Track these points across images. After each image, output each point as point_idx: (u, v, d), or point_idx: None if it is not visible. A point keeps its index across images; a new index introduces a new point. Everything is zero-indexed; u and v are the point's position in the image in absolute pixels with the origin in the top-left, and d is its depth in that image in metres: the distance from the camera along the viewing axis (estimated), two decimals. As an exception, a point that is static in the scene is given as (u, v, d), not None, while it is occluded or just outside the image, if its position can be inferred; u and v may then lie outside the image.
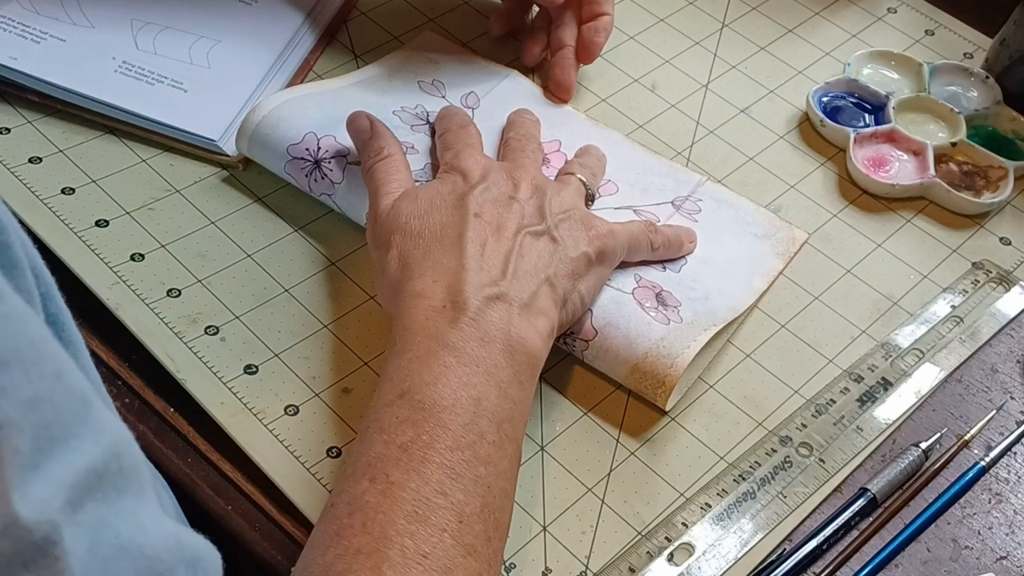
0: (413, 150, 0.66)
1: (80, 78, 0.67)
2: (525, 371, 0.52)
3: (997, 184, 0.71)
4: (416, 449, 0.47)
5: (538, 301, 0.54)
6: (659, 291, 0.61)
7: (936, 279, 0.67)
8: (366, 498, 0.45)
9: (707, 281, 0.63)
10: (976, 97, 0.77)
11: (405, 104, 0.70)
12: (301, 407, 0.57)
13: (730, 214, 0.68)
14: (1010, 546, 0.56)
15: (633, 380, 0.58)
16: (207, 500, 0.54)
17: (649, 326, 0.59)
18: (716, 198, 0.69)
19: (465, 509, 0.46)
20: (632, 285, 0.61)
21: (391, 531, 0.44)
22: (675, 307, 0.60)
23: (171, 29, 0.72)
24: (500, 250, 0.54)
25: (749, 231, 0.67)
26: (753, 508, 0.55)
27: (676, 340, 0.58)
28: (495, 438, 0.49)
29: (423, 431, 0.47)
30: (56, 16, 0.71)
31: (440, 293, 0.52)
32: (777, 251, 0.66)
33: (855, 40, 0.82)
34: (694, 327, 0.59)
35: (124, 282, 0.60)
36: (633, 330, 0.58)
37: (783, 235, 0.67)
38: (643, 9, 0.82)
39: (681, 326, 0.59)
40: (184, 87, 0.69)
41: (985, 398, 0.62)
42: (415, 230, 0.55)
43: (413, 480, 0.46)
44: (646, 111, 0.74)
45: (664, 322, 0.59)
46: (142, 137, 0.68)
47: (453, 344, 0.50)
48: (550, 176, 0.65)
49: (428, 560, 0.44)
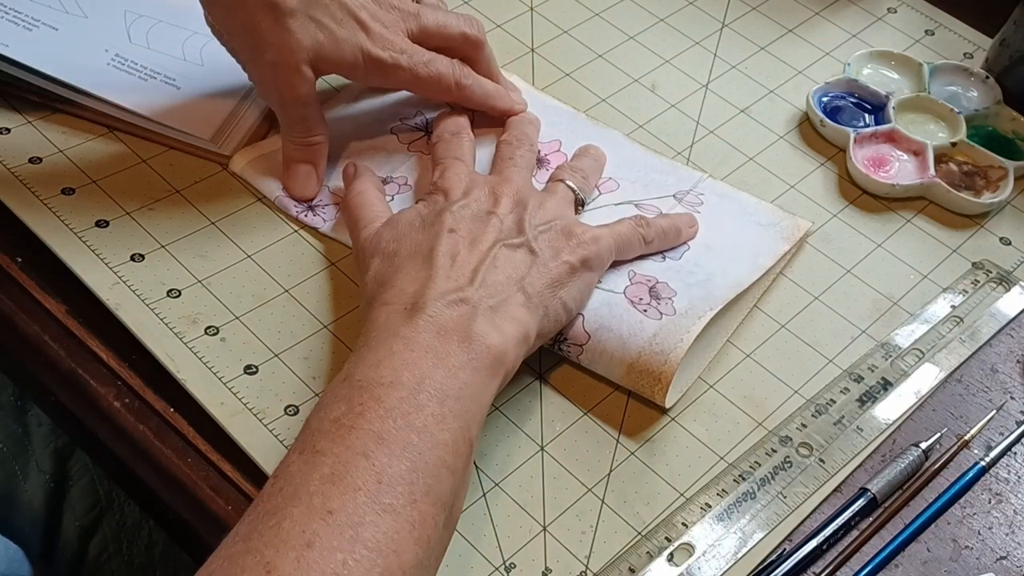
0: (406, 185, 0.66)
1: (73, 70, 0.67)
2: (483, 360, 0.51)
3: (997, 184, 0.71)
4: (346, 420, 0.47)
5: (508, 307, 0.54)
6: (653, 284, 0.61)
7: (936, 279, 0.67)
8: (291, 468, 0.46)
9: (710, 264, 0.63)
10: (976, 97, 0.77)
11: (404, 115, 0.70)
12: (301, 407, 0.57)
13: (733, 207, 0.68)
14: (1010, 546, 0.56)
15: (630, 380, 0.58)
16: (207, 500, 0.54)
17: (641, 324, 0.59)
18: (718, 192, 0.69)
19: (388, 470, 0.45)
20: (625, 284, 0.61)
21: (302, 491, 0.44)
22: (669, 298, 0.60)
23: (165, 23, 0.72)
24: (471, 261, 0.55)
25: (753, 221, 0.67)
26: (753, 508, 0.55)
27: (669, 335, 0.58)
28: (436, 411, 0.48)
29: (356, 403, 0.48)
30: (49, 3, 0.71)
31: (404, 299, 0.53)
32: (783, 236, 0.66)
33: (855, 40, 0.82)
34: (688, 317, 0.59)
35: (124, 282, 0.60)
36: (626, 330, 0.58)
37: (788, 223, 0.67)
38: (643, 9, 0.82)
39: (674, 319, 0.59)
40: (177, 84, 0.68)
41: (985, 398, 0.62)
42: (391, 251, 0.57)
43: (337, 446, 0.46)
44: (646, 111, 0.74)
45: (657, 317, 0.59)
46: (142, 137, 0.68)
47: (404, 335, 0.51)
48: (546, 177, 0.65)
49: (333, 516, 0.43)
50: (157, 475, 0.56)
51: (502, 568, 0.53)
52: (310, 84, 0.62)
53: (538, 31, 0.79)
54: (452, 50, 0.67)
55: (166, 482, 0.55)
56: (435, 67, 0.65)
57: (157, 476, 0.56)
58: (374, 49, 0.63)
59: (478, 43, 0.67)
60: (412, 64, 0.64)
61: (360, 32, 0.62)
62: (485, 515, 0.54)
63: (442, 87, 0.66)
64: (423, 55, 0.65)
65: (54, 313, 0.60)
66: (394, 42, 0.64)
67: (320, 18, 0.61)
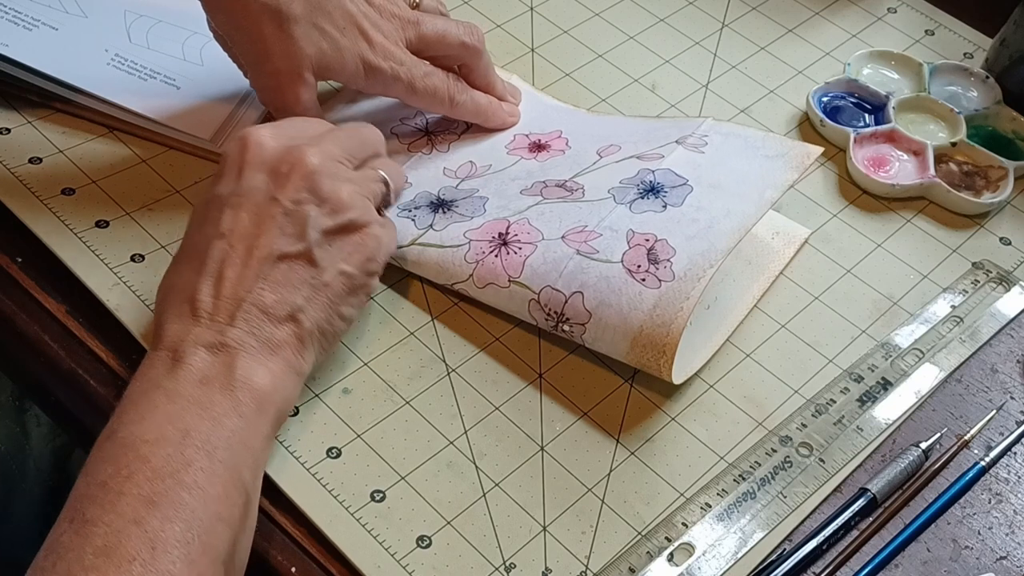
0: (406, 183, 0.66)
1: (73, 70, 0.67)
2: (249, 405, 0.50)
3: (997, 184, 0.71)
4: (114, 484, 0.45)
5: (277, 345, 0.52)
6: (652, 245, 0.59)
7: (936, 279, 0.67)
8: (62, 540, 0.44)
9: (714, 205, 0.61)
10: (976, 97, 0.77)
11: (404, 116, 0.70)
12: (301, 407, 0.57)
13: (738, 143, 0.67)
14: (1010, 546, 0.56)
15: (634, 356, 0.58)
16: (207, 500, 0.54)
17: (640, 296, 0.57)
18: (723, 132, 0.68)
19: (161, 535, 0.44)
20: (623, 248, 0.59)
21: (76, 568, 0.43)
22: (667, 260, 0.58)
23: (164, 23, 0.72)
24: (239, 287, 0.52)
25: (760, 154, 0.65)
26: (753, 508, 0.55)
27: (670, 304, 0.57)
28: (205, 465, 0.47)
29: (122, 466, 0.46)
30: (49, 3, 0.71)
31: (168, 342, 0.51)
32: (791, 164, 0.64)
33: (855, 40, 0.82)
34: (687, 280, 0.57)
35: (124, 283, 0.60)
36: (626, 304, 0.57)
37: (797, 151, 0.65)
38: (643, 9, 0.82)
39: (673, 284, 0.57)
40: (176, 84, 0.69)
41: (985, 398, 0.62)
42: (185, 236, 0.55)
43: (108, 514, 0.44)
44: (646, 111, 0.74)
45: (656, 286, 0.57)
46: (142, 137, 0.68)
47: (166, 387, 0.49)
48: (547, 165, 0.66)
49: None
50: (157, 475, 0.56)
51: (502, 568, 0.53)
52: (312, 90, 0.62)
53: (538, 31, 0.79)
54: (451, 58, 0.67)
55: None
56: (431, 81, 0.65)
57: (157, 476, 0.56)
58: (375, 59, 0.63)
59: (477, 51, 0.67)
60: (410, 77, 0.64)
61: (362, 41, 0.62)
62: (485, 515, 0.54)
63: (436, 101, 0.66)
64: (421, 68, 0.65)
65: (54, 313, 0.60)
66: (394, 53, 0.64)
67: (323, 26, 0.61)
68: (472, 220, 0.63)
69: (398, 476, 0.55)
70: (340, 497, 0.54)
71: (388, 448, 0.56)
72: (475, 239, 0.61)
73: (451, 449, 0.56)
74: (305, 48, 0.60)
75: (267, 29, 0.59)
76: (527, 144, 0.69)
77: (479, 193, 0.65)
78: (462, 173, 0.67)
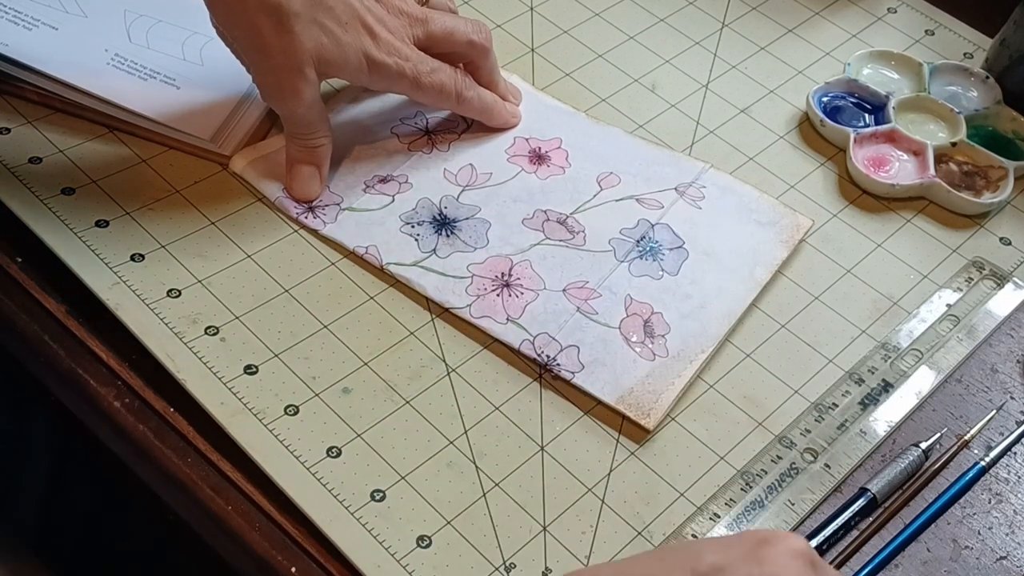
0: (407, 184, 0.67)
1: (73, 70, 0.67)
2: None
3: (997, 184, 0.71)
4: None
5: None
6: (648, 317, 0.61)
7: (936, 279, 0.67)
8: None
9: (706, 280, 0.63)
10: (976, 97, 0.77)
11: (404, 115, 0.70)
12: (301, 407, 0.57)
13: (733, 201, 0.68)
14: (1010, 546, 0.56)
15: (620, 407, 0.58)
16: (207, 500, 0.54)
17: (635, 363, 0.59)
18: (720, 185, 0.69)
19: None
20: (621, 315, 0.61)
21: None
22: (662, 336, 0.61)
23: (164, 23, 0.72)
24: None
25: (753, 218, 0.67)
26: (762, 516, 0.55)
27: (661, 376, 0.59)
28: None
29: None
30: (49, 3, 0.71)
31: None
32: (781, 239, 0.66)
33: (855, 40, 0.82)
34: (680, 360, 0.60)
35: (124, 282, 0.60)
36: (620, 366, 0.59)
37: (787, 222, 0.67)
38: (643, 9, 0.82)
39: (667, 361, 0.60)
40: (176, 84, 0.68)
41: (985, 398, 0.62)
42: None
43: None
44: (646, 111, 0.74)
45: (650, 358, 0.60)
46: (142, 137, 0.68)
47: None
48: (547, 185, 0.67)
49: None
50: (157, 475, 0.56)
51: (502, 568, 0.53)
52: (313, 87, 0.62)
53: (538, 31, 0.79)
54: (457, 55, 0.67)
55: (166, 482, 0.55)
56: (438, 77, 0.65)
57: (157, 476, 0.56)
58: (379, 54, 0.63)
59: (484, 50, 0.67)
60: (416, 72, 0.64)
61: (366, 36, 0.62)
62: (485, 515, 0.54)
63: (443, 97, 0.66)
64: (428, 64, 0.65)
65: (54, 313, 0.60)
66: (399, 48, 0.64)
67: (324, 22, 0.61)
68: (475, 252, 0.63)
69: (398, 476, 0.55)
70: (340, 497, 0.54)
71: (388, 448, 0.56)
72: (478, 274, 0.62)
73: (451, 449, 0.56)
74: (305, 43, 0.60)
75: (266, 25, 0.60)
76: (527, 151, 0.69)
77: (481, 214, 0.65)
78: (462, 178, 0.67)
